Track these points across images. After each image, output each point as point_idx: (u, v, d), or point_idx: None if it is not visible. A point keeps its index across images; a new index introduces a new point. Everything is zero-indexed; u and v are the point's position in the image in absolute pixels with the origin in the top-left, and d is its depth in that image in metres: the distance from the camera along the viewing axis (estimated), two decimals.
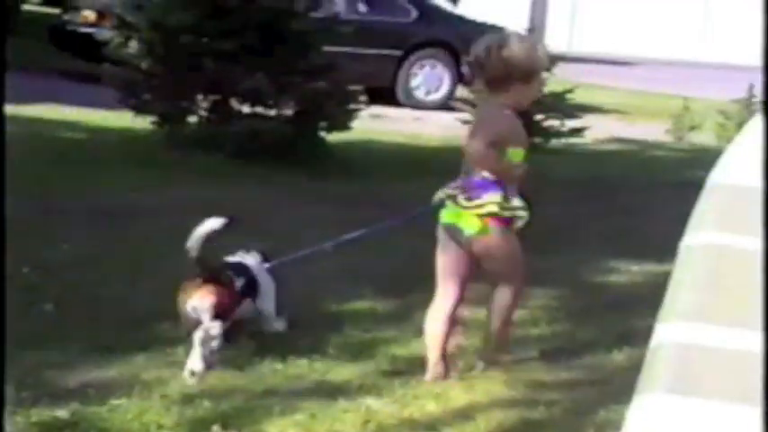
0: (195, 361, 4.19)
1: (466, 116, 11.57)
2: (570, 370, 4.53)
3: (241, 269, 4.63)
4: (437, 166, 9.56)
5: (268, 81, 8.46)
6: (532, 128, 11.18)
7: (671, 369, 0.83)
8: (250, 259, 4.77)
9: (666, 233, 5.78)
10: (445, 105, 14.46)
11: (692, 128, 12.66)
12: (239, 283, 4.53)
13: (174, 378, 4.17)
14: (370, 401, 4.07)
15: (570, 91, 11.10)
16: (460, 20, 15.92)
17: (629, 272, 6.10)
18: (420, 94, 14.73)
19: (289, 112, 8.93)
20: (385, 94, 14.17)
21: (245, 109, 8.91)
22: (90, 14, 13.36)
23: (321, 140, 8.98)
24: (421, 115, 13.66)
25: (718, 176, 0.95)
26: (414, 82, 14.70)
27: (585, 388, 4.33)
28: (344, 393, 4.13)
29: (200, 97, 8.93)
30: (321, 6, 10.28)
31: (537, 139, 11.15)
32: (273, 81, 8.53)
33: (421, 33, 14.73)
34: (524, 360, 4.64)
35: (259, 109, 8.89)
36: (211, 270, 4.40)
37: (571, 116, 10.98)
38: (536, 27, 16.74)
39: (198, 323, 4.23)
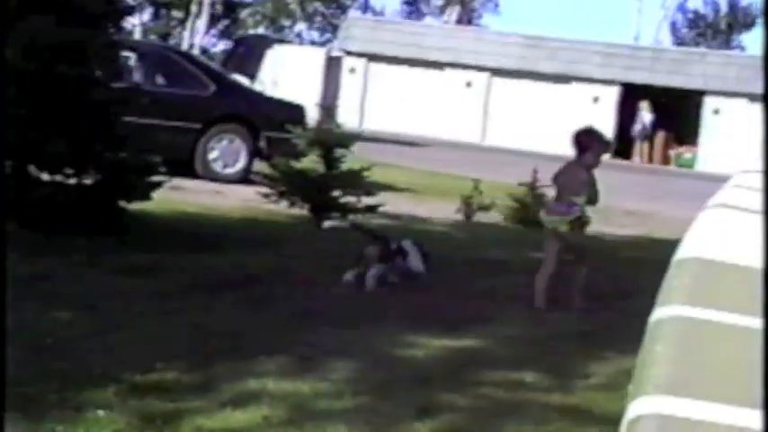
0: (370, 282, 7.62)
1: (265, 190, 11.69)
2: None
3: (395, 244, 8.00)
4: (237, 237, 9.65)
5: (69, 149, 8.34)
6: (329, 204, 11.40)
7: None
8: (406, 242, 8.09)
9: (463, 308, 6.03)
10: (243, 179, 14.56)
11: (481, 208, 13.09)
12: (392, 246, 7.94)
13: None
14: None
15: (367, 169, 11.36)
16: (258, 95, 16.12)
17: (428, 346, 6.25)
18: (218, 167, 14.77)
19: (89, 181, 8.81)
20: (182, 167, 14.13)
21: (45, 176, 8.74)
22: None
23: (121, 211, 8.89)
24: (220, 188, 13.69)
25: (686, 252, 0.99)
26: (212, 155, 14.74)
27: None
28: None
29: None
30: (121, 77, 10.25)
31: (335, 215, 11.35)
32: (74, 149, 8.42)
33: (219, 107, 14.81)
34: None
35: (58, 177, 8.73)
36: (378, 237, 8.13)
37: (368, 193, 11.22)
38: (329, 105, 17.03)
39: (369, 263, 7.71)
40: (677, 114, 33.02)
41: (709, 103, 33.21)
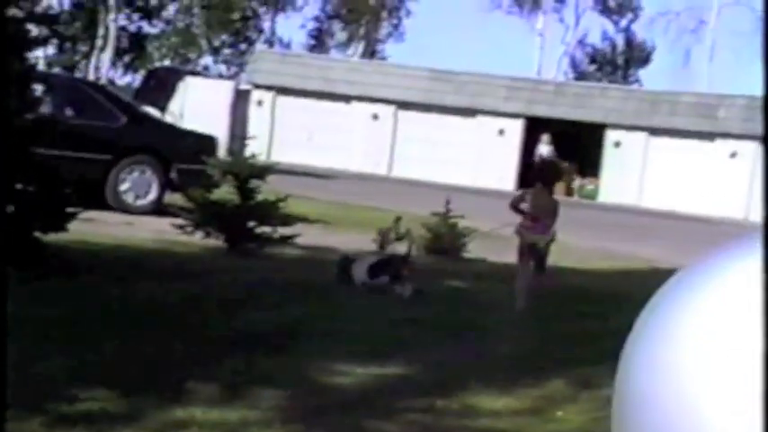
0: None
1: (180, 221, 11.62)
2: None
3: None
4: (152, 268, 9.59)
5: None
6: (245, 234, 11.39)
7: None
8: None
9: (385, 336, 6.06)
10: (154, 210, 14.45)
11: (397, 238, 13.15)
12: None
13: None
14: None
15: (283, 200, 11.38)
16: (169, 127, 16.05)
17: (354, 373, 6.30)
18: (129, 198, 14.64)
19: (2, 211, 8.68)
20: (93, 198, 13.97)
21: None
22: None
23: (36, 242, 8.78)
24: (131, 219, 13.57)
25: None
26: (123, 186, 14.61)
27: None
28: None
29: None
30: (34, 107, 10.13)
31: (251, 245, 11.34)
32: None
33: (130, 139, 14.69)
34: None
35: None
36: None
37: (285, 224, 11.24)
38: (237, 137, 16.99)
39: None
40: (580, 147, 33.63)
41: (610, 135, 33.89)
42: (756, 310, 1.04)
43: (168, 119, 17.13)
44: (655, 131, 33.31)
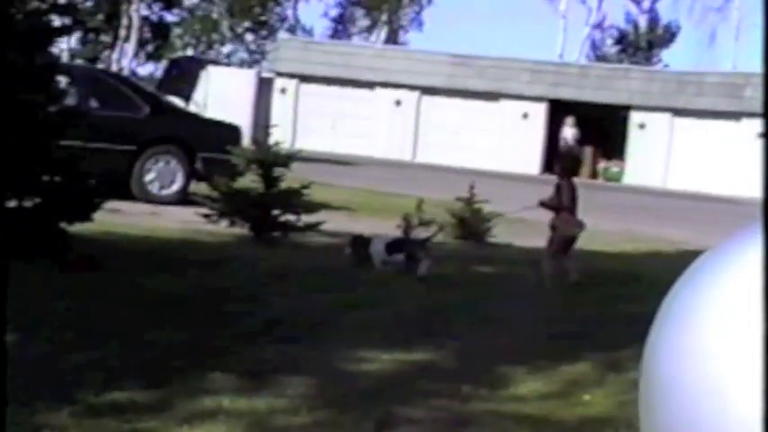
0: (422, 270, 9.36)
1: (205, 210, 11.65)
2: None
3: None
4: (179, 257, 9.62)
5: (8, 173, 8.24)
6: (270, 222, 11.40)
7: None
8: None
9: (409, 323, 6.05)
10: (179, 200, 14.52)
11: (422, 224, 13.14)
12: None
13: None
14: None
15: (307, 187, 11.39)
16: (193, 117, 16.09)
17: (380, 360, 6.29)
18: (154, 188, 14.72)
19: (28, 203, 8.72)
20: (118, 188, 14.04)
21: None
22: None
23: (62, 233, 8.81)
24: (156, 209, 13.64)
25: None
26: (148, 177, 14.68)
27: None
28: None
29: None
30: (59, 100, 10.17)
31: (276, 234, 11.36)
32: (13, 172, 8.32)
33: (154, 129, 14.76)
34: None
35: None
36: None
37: (309, 211, 11.26)
38: (261, 125, 16.99)
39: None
40: (604, 129, 33.50)
41: (635, 117, 33.74)
42: None
43: (192, 108, 17.16)
44: (680, 112, 33.14)
